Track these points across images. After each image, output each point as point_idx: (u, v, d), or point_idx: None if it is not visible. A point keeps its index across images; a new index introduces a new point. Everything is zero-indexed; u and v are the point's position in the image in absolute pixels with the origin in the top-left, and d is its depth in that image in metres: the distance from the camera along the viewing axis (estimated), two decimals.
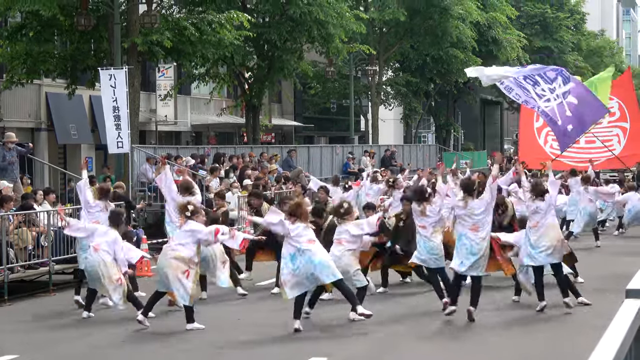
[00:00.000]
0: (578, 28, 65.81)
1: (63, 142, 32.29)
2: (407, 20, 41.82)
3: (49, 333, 12.26)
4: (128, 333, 11.95)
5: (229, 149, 30.10)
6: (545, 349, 11.05)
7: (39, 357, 11.03)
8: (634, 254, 18.66)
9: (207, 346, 11.26)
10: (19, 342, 11.82)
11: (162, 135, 38.44)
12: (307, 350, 11.06)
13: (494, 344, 11.38)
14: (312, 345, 11.37)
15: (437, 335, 12.03)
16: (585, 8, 68.78)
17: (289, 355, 10.85)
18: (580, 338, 10.94)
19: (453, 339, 11.73)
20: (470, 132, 65.64)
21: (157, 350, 11.18)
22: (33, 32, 25.62)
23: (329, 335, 11.82)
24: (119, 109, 21.07)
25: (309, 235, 11.80)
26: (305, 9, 30.13)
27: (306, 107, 50.70)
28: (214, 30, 25.58)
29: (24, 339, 12.02)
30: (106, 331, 12.27)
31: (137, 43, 24.37)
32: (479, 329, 12.11)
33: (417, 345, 11.44)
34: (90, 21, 23.88)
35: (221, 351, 11.06)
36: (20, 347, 11.47)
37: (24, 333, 12.41)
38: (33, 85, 29.53)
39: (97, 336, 11.96)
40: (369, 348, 11.22)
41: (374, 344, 11.43)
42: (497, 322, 12.60)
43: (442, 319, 12.55)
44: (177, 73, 36.72)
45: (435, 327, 12.41)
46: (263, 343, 11.32)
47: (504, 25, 48.41)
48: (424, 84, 47.87)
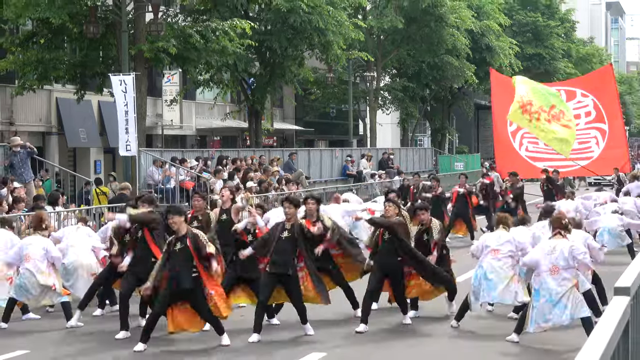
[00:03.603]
0: (568, 36, 65.90)
1: (73, 145, 32.32)
2: (404, 28, 41.88)
3: (59, 329, 12.22)
4: (139, 329, 11.80)
5: (232, 152, 30.11)
6: (536, 343, 11.05)
7: (50, 352, 11.01)
8: (623, 253, 18.60)
9: (210, 340, 11.26)
10: (30, 338, 11.81)
11: (168, 139, 38.47)
12: (306, 347, 11.06)
13: (487, 339, 11.38)
14: (311, 342, 11.36)
15: (434, 332, 12.01)
16: (575, 16, 68.85)
17: (289, 352, 10.82)
18: (572, 333, 10.92)
19: (450, 338, 11.72)
20: (464, 135, 65.71)
21: (163, 344, 11.16)
22: (44, 39, 25.67)
23: (327, 332, 11.79)
24: (127, 113, 21.07)
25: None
26: (306, 17, 30.16)
27: (307, 112, 50.74)
28: (218, 38, 25.61)
29: (35, 336, 12.01)
30: (116, 327, 12.25)
31: (144, 50, 24.40)
32: (470, 324, 12.12)
33: (413, 343, 11.44)
34: (98, 29, 23.89)
35: (221, 347, 11.02)
36: (32, 343, 11.46)
37: (35, 329, 12.39)
38: (44, 90, 29.56)
39: (107, 332, 11.94)
40: (366, 345, 11.21)
41: (371, 340, 11.42)
42: (491, 318, 12.62)
43: (439, 317, 12.52)
44: (182, 79, 36.74)
45: (432, 325, 12.41)
46: (263, 340, 11.26)
47: (496, 33, 48.46)
48: (420, 89, 47.87)
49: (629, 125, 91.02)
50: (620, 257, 17.82)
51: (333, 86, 44.32)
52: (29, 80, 25.81)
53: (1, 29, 26.16)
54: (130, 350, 10.76)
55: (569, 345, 10.73)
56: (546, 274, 10.39)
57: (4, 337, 11.90)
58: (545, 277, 10.38)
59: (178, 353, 10.93)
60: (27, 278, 12.31)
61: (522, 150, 29.99)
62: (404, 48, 44.47)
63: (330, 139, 52.75)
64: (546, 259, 10.46)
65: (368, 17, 42.10)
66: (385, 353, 10.80)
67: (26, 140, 22.42)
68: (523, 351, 10.81)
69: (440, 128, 54.15)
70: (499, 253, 11.66)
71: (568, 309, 10.34)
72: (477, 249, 12.01)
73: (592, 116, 29.21)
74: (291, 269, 11.30)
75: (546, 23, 60.14)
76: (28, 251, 12.37)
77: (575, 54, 69.35)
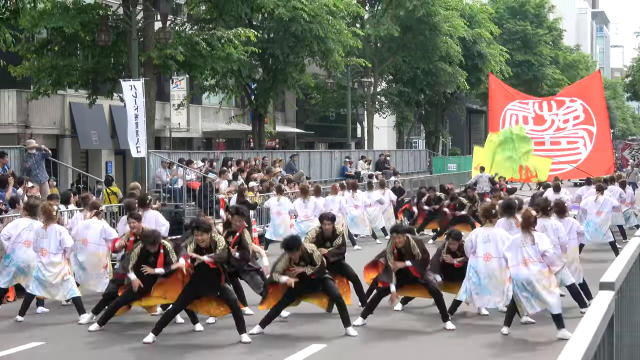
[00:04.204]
0: (556, 43, 65.97)
1: (85, 147, 32.33)
2: (400, 36, 41.91)
3: (74, 321, 12.20)
4: (154, 319, 11.71)
5: (236, 154, 30.11)
6: (525, 336, 11.04)
7: (65, 343, 11.00)
8: (607, 250, 18.61)
9: (212, 331, 11.27)
10: (46, 329, 11.82)
11: (176, 141, 38.47)
12: (307, 337, 11.06)
13: (477, 330, 11.38)
14: (312, 333, 11.37)
15: (432, 323, 11.98)
16: (562, 25, 68.86)
17: (290, 343, 10.81)
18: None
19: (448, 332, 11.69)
20: (457, 138, 65.73)
21: (171, 337, 11.18)
22: (58, 47, 25.71)
23: (328, 324, 11.78)
24: (137, 117, 21.07)
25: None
26: (307, 26, 30.17)
27: (307, 115, 50.74)
28: (223, 45, 25.62)
29: (50, 327, 12.01)
30: (131, 318, 12.27)
31: (153, 57, 24.42)
32: (463, 315, 12.12)
33: (412, 333, 11.44)
34: (109, 37, 23.92)
35: (223, 338, 11.01)
36: (47, 334, 11.46)
37: (49, 322, 12.39)
38: (58, 95, 29.58)
39: (122, 323, 11.94)
40: (366, 335, 11.20)
41: (371, 331, 11.42)
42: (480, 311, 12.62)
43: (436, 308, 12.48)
44: (189, 84, 36.75)
45: (430, 316, 12.38)
46: (264, 331, 11.26)
47: (488, 41, 48.50)
48: (415, 94, 47.90)
49: (613, 128, 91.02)
50: (604, 254, 17.88)
51: (332, 91, 44.40)
52: (43, 86, 25.84)
53: (18, 37, 26.19)
54: (142, 338, 10.78)
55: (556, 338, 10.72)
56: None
57: (19, 329, 11.91)
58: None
59: (183, 345, 10.92)
60: (42, 271, 12.31)
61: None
62: (400, 55, 44.49)
63: (330, 141, 52.73)
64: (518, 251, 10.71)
65: (366, 26, 42.11)
66: (384, 345, 10.80)
67: (41, 142, 22.43)
68: (511, 343, 10.79)
69: (434, 131, 54.16)
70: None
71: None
72: (469, 246, 11.95)
73: (581, 119, 29.06)
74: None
75: (535, 31, 60.20)
76: (43, 245, 12.36)
77: (563, 60, 69.41)
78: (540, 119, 29.39)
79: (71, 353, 10.56)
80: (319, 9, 30.42)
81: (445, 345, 10.82)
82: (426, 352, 10.56)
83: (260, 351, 10.38)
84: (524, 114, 29.90)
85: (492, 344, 10.71)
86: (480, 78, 48.60)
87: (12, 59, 24.59)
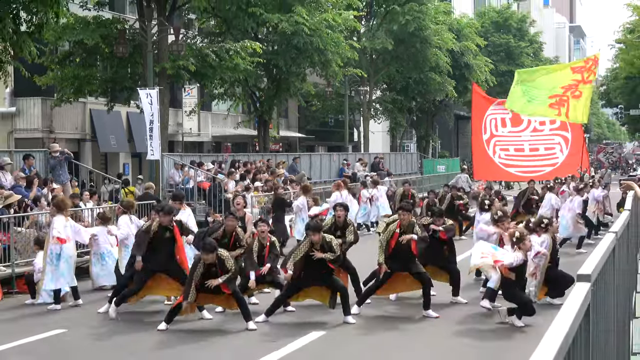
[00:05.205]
0: (536, 55, 65.88)
1: (104, 150, 32.36)
2: (393, 48, 41.89)
3: (94, 310, 12.18)
4: (168, 308, 11.60)
5: (243, 157, 30.10)
6: (508, 325, 11.01)
7: (85, 330, 10.95)
8: (584, 245, 18.60)
9: (213, 320, 11.26)
10: (66, 317, 11.80)
11: (187, 145, 38.48)
12: (307, 326, 11.04)
13: (463, 321, 11.37)
14: (312, 321, 11.34)
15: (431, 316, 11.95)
16: (543, 38, 68.88)
17: (290, 331, 10.75)
18: (539, 316, 10.87)
19: (443, 317, 11.68)
20: (445, 142, 65.71)
21: (181, 323, 11.17)
22: (79, 58, 25.74)
23: (329, 313, 11.72)
24: (152, 122, 21.07)
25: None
26: (308, 39, 30.16)
27: (308, 121, 50.76)
28: (231, 57, 25.64)
29: (71, 314, 12.00)
30: (148, 307, 12.25)
31: (167, 67, 24.43)
32: (457, 306, 12.10)
33: (408, 323, 11.41)
34: (127, 49, 23.94)
35: (225, 326, 11.00)
36: (68, 322, 11.43)
37: (71, 310, 12.38)
38: (79, 103, 29.60)
39: (140, 312, 11.94)
40: (364, 324, 11.17)
41: (368, 320, 11.40)
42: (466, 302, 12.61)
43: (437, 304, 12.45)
44: (200, 92, 36.77)
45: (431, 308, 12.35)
46: (269, 319, 11.22)
47: (474, 53, 48.49)
48: (407, 101, 47.87)
49: (589, 133, 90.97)
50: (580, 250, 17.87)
51: (331, 99, 44.44)
52: (66, 94, 25.88)
53: (42, 49, 26.20)
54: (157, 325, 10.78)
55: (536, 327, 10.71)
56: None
57: (42, 316, 11.89)
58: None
59: (195, 330, 10.89)
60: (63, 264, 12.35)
61: (496, 157, 29.84)
62: (393, 66, 44.48)
63: (329, 145, 52.72)
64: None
65: (362, 39, 42.09)
66: (382, 334, 10.78)
67: (64, 146, 22.46)
68: (499, 329, 10.77)
69: (424, 135, 54.16)
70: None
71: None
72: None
73: (557, 124, 28.86)
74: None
75: (517, 44, 60.20)
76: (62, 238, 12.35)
77: None
78: (516, 118, 28.98)
79: (91, 341, 10.50)
80: (319, 24, 30.42)
81: (441, 335, 10.80)
82: (422, 340, 10.54)
83: (265, 337, 10.37)
84: (501, 117, 29.63)
85: (484, 331, 10.70)
86: (467, 87, 48.47)
87: (38, 69, 24.62)
